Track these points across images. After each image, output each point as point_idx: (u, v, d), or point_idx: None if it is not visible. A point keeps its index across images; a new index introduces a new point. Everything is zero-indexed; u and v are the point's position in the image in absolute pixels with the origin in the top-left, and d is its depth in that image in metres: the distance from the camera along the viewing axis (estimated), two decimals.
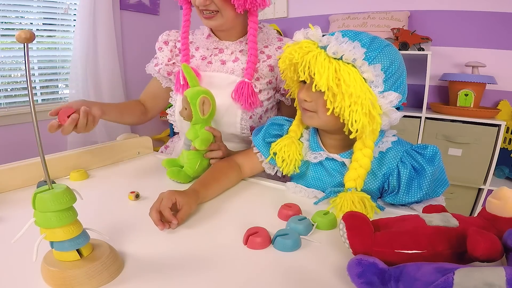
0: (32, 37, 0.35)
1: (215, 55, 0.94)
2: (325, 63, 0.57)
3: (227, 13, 0.82)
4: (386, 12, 1.86)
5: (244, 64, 0.90)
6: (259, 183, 0.79)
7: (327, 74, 0.57)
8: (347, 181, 0.62)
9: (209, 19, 0.84)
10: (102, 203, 0.68)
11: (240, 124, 0.90)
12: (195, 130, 0.79)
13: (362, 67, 0.58)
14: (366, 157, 0.62)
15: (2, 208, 0.63)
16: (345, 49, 0.57)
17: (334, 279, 0.43)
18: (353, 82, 0.56)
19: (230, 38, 0.93)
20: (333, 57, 0.58)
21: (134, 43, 2.45)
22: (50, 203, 0.38)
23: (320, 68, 0.57)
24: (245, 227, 0.53)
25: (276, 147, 0.73)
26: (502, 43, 1.71)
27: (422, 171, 0.62)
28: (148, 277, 0.43)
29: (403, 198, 0.64)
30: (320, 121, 0.66)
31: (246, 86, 0.86)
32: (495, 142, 1.55)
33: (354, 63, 0.58)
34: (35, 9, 1.96)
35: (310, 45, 0.60)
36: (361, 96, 0.57)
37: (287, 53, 0.63)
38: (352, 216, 0.44)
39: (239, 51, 0.93)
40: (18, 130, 1.91)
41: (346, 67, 0.57)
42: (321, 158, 0.70)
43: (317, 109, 0.64)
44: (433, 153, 0.63)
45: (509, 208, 0.40)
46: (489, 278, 0.29)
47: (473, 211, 1.71)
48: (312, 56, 0.59)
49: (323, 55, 0.58)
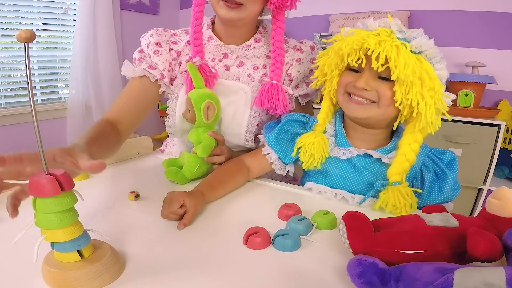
0: (33, 36, 0.35)
1: (218, 60, 0.86)
2: (410, 54, 0.57)
3: (252, 7, 0.75)
4: (386, 12, 1.86)
5: (250, 69, 0.85)
6: (260, 183, 0.79)
7: (413, 65, 0.56)
8: (392, 175, 0.63)
9: (232, 9, 0.73)
10: (103, 204, 0.68)
11: (244, 136, 0.84)
12: (198, 133, 0.78)
13: (438, 65, 0.59)
14: (413, 152, 0.63)
15: (2, 208, 0.63)
16: (429, 45, 0.58)
17: (334, 279, 0.43)
18: (435, 77, 0.58)
19: (236, 40, 0.84)
20: (414, 51, 0.58)
21: (134, 43, 2.43)
22: (50, 205, 0.38)
23: (407, 58, 0.56)
24: (245, 227, 0.53)
25: (304, 141, 0.69)
26: (502, 43, 1.71)
27: (444, 176, 0.64)
28: (149, 277, 0.43)
29: (424, 201, 0.65)
30: (377, 112, 0.63)
31: (276, 88, 0.79)
32: (495, 142, 1.55)
33: (431, 60, 0.59)
34: (35, 9, 1.96)
35: (388, 34, 0.59)
36: (438, 91, 0.59)
37: (359, 37, 0.59)
38: (352, 216, 0.44)
39: (244, 55, 0.85)
40: (18, 130, 1.91)
41: (426, 62, 0.58)
42: (351, 154, 0.68)
43: (379, 99, 0.62)
44: (451, 159, 0.66)
45: (509, 208, 0.40)
46: (489, 278, 0.29)
47: (473, 211, 1.71)
48: (392, 45, 0.57)
49: (404, 47, 0.57)
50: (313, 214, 0.59)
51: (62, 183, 0.38)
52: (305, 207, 0.63)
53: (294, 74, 0.85)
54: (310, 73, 0.85)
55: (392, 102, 0.61)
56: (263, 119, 0.86)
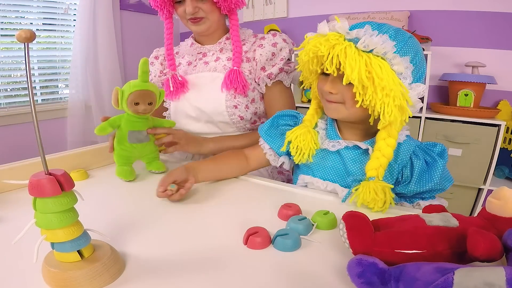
0: (33, 36, 0.35)
1: (199, 59, 1.03)
2: (356, 56, 0.57)
3: (213, 16, 0.94)
4: (386, 12, 1.86)
5: (225, 61, 0.99)
6: (259, 183, 0.79)
7: (359, 67, 0.56)
8: (368, 170, 0.63)
9: (197, 24, 0.93)
10: (103, 204, 0.68)
11: (227, 112, 0.96)
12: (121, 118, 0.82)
13: (393, 60, 0.58)
14: (389, 147, 0.63)
15: (2, 208, 0.63)
16: (376, 42, 0.57)
17: (334, 279, 0.43)
18: (386, 75, 0.57)
19: (211, 41, 1.02)
20: (363, 50, 0.58)
21: (134, 43, 2.45)
22: (51, 204, 0.38)
23: (352, 62, 0.57)
24: (245, 227, 0.53)
25: (291, 135, 0.73)
26: (502, 43, 1.71)
27: (434, 163, 0.64)
28: (149, 277, 0.43)
29: (414, 187, 0.65)
30: (346, 113, 0.65)
31: (235, 73, 0.93)
32: (495, 142, 1.55)
33: (385, 56, 0.58)
34: (35, 9, 1.97)
35: (337, 37, 0.59)
36: (393, 89, 0.57)
37: (311, 46, 0.62)
38: (352, 216, 0.44)
39: (219, 50, 1.01)
40: (18, 130, 1.91)
41: (377, 60, 0.57)
42: (340, 146, 0.70)
43: (344, 101, 0.64)
44: (441, 150, 0.66)
45: (509, 208, 0.40)
46: (489, 278, 0.29)
47: (473, 211, 1.71)
48: (341, 49, 0.58)
49: (353, 48, 0.57)
50: (313, 214, 0.59)
51: (62, 183, 0.38)
52: (305, 207, 0.63)
53: (257, 57, 0.96)
54: (273, 56, 0.96)
55: (356, 103, 0.61)
56: (240, 100, 0.97)
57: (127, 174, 0.79)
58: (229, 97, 0.95)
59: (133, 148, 0.81)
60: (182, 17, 0.94)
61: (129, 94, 0.76)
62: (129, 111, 0.78)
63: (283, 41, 0.97)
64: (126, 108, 0.78)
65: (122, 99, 0.77)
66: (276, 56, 0.96)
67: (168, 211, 0.64)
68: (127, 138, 0.80)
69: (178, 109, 1.01)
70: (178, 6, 0.93)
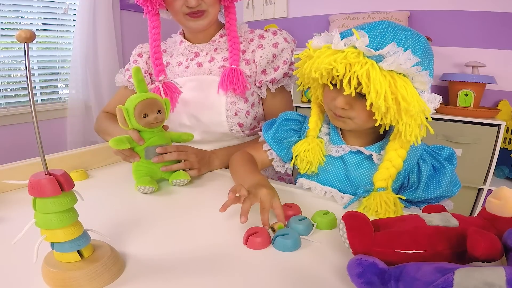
0: (33, 36, 0.35)
1: (191, 59, 0.94)
2: (380, 79, 0.52)
3: (214, 10, 0.85)
4: (386, 12, 1.86)
5: (221, 62, 0.92)
6: None
7: (385, 91, 0.52)
8: (377, 181, 0.62)
9: (197, 19, 0.85)
10: (103, 204, 0.68)
11: (226, 122, 0.90)
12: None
13: (414, 78, 0.55)
14: (399, 158, 0.61)
15: (2, 208, 0.63)
16: (402, 61, 0.53)
17: (334, 279, 0.43)
18: (411, 97, 0.53)
19: (204, 39, 0.94)
20: (387, 69, 0.53)
21: (134, 43, 2.42)
22: (50, 205, 0.38)
23: (377, 85, 0.52)
24: (245, 227, 0.53)
25: (299, 149, 0.70)
26: (502, 43, 1.71)
27: (442, 169, 0.63)
28: (149, 277, 0.43)
29: (421, 194, 0.63)
30: (355, 125, 0.63)
31: (234, 72, 0.86)
32: (495, 142, 1.55)
33: (407, 73, 0.54)
34: (35, 9, 1.96)
35: (355, 54, 0.54)
36: (418, 110, 0.55)
37: (326, 64, 0.56)
38: (352, 216, 0.44)
39: (214, 50, 0.94)
40: (18, 130, 1.91)
41: (401, 80, 0.53)
42: (343, 151, 0.68)
43: (354, 116, 0.61)
44: (450, 154, 0.65)
45: (509, 208, 0.40)
46: (489, 278, 0.29)
47: (473, 211, 1.71)
48: (363, 69, 0.53)
49: (376, 68, 0.53)
50: (313, 214, 0.59)
51: (62, 183, 0.38)
52: (305, 207, 0.63)
53: (257, 59, 0.89)
54: (274, 58, 0.90)
55: (369, 119, 0.59)
56: (240, 107, 0.90)
57: (146, 181, 0.71)
58: (229, 105, 0.89)
59: (153, 164, 0.75)
60: (177, 13, 0.84)
61: (134, 108, 0.70)
62: (140, 126, 0.72)
63: (284, 40, 0.91)
64: (136, 125, 0.71)
65: (129, 117, 0.71)
66: (278, 58, 0.90)
67: (168, 211, 0.64)
68: (144, 155, 0.74)
69: (171, 117, 0.91)
70: (174, 0, 0.83)
